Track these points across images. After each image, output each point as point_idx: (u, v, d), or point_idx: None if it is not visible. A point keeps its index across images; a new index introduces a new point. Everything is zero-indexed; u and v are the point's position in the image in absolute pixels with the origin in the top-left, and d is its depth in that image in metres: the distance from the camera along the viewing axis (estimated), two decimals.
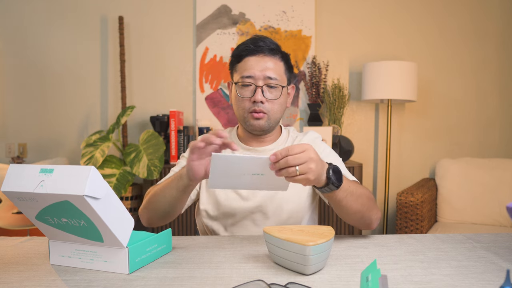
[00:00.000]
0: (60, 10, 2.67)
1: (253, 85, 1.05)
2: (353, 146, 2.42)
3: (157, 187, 1.01)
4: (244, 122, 1.08)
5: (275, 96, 1.06)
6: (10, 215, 2.09)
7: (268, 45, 1.06)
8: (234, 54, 1.10)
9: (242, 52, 1.07)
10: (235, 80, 1.09)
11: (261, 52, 1.06)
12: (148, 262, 0.78)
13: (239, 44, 1.10)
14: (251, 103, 1.05)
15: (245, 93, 1.06)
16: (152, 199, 1.00)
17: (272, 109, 1.06)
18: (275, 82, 1.05)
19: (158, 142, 2.33)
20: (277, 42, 1.10)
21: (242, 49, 1.07)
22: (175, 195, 0.94)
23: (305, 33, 2.64)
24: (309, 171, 0.76)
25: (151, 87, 2.68)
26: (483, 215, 2.30)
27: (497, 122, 2.71)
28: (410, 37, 2.68)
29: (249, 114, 1.06)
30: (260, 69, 1.04)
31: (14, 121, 2.71)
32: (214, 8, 2.63)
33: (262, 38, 1.07)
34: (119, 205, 0.71)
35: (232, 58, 1.11)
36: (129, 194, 2.40)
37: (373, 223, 0.96)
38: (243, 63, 1.07)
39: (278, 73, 1.06)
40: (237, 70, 1.09)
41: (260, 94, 1.04)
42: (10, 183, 0.69)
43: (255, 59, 1.06)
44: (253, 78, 1.05)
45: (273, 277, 0.70)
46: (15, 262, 0.79)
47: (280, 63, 1.08)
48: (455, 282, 0.68)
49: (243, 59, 1.07)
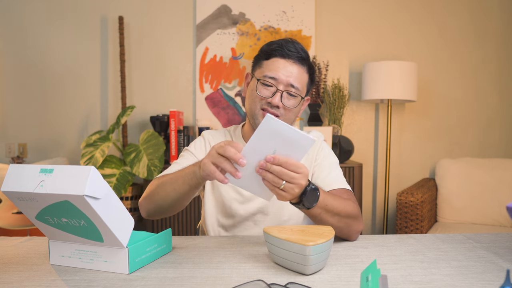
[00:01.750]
0: (60, 10, 2.67)
1: (275, 87, 1.03)
2: (353, 146, 2.42)
3: (164, 178, 0.97)
4: (253, 117, 1.07)
5: (292, 105, 1.05)
6: (10, 215, 2.09)
7: (299, 53, 1.05)
8: (264, 49, 1.08)
9: (273, 51, 1.05)
10: (257, 75, 1.07)
11: (291, 57, 1.04)
12: (148, 262, 0.78)
13: (271, 41, 1.08)
14: (266, 103, 1.04)
15: (265, 93, 1.04)
16: (159, 191, 0.97)
17: (285, 115, 1.05)
18: (296, 91, 1.04)
19: (158, 142, 2.33)
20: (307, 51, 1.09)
21: (273, 48, 1.05)
22: (186, 191, 0.92)
23: (305, 33, 2.64)
24: (290, 192, 0.78)
25: (151, 87, 2.68)
26: (483, 215, 2.30)
27: (497, 122, 2.71)
28: (410, 37, 2.68)
29: (261, 110, 1.05)
30: (285, 74, 1.03)
31: (14, 121, 2.71)
32: (214, 8, 2.63)
33: (295, 43, 1.06)
34: (119, 205, 0.71)
35: (260, 52, 1.09)
36: (129, 194, 2.40)
37: (351, 237, 0.95)
38: (271, 62, 1.05)
39: (301, 83, 1.05)
40: (262, 66, 1.07)
41: (279, 98, 1.02)
42: (10, 183, 0.69)
43: (283, 62, 1.04)
44: (276, 81, 1.03)
45: (273, 277, 0.70)
46: (15, 262, 0.79)
47: (306, 74, 1.07)
48: (455, 282, 0.68)
49: (271, 58, 1.05)
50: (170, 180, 0.94)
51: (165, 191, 0.95)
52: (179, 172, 0.94)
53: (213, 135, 1.18)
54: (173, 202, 0.96)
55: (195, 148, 1.14)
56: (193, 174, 0.88)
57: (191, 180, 0.89)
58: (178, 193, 0.93)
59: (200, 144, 1.15)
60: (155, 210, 1.00)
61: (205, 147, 1.15)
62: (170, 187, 0.94)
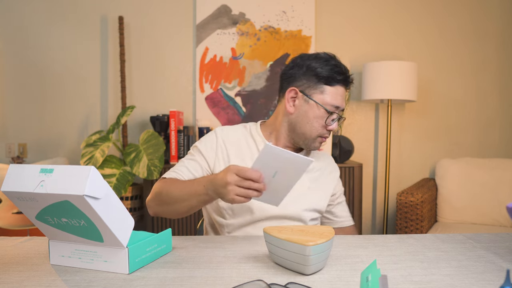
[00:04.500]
0: (60, 10, 2.67)
1: (337, 114, 1.07)
2: (353, 146, 2.42)
3: (173, 187, 0.97)
4: (309, 142, 1.10)
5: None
6: (10, 215, 2.09)
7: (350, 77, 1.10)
8: (324, 74, 1.05)
9: (336, 78, 1.06)
10: (322, 102, 1.05)
11: (348, 84, 1.09)
12: (148, 262, 0.78)
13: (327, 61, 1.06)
14: (326, 131, 1.08)
15: (331, 123, 1.08)
16: (167, 198, 0.98)
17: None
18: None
19: (158, 142, 2.33)
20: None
21: (337, 74, 1.06)
22: (195, 205, 0.94)
23: (305, 33, 2.64)
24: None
25: (151, 87, 2.68)
26: (483, 215, 2.30)
27: (497, 122, 2.71)
28: (410, 37, 2.68)
29: (319, 138, 1.09)
30: (344, 101, 1.09)
31: (14, 121, 2.71)
32: (214, 8, 2.63)
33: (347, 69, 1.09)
34: (119, 205, 0.71)
35: (315, 73, 1.06)
36: (129, 194, 2.40)
37: None
38: (335, 89, 1.06)
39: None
40: (324, 92, 1.06)
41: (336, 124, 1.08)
42: (10, 183, 0.69)
43: (343, 90, 1.08)
44: (340, 110, 1.08)
45: (273, 277, 0.70)
46: (15, 262, 0.79)
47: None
48: (455, 282, 0.68)
49: (336, 85, 1.07)
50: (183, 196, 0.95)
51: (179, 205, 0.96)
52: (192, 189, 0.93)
53: (227, 133, 1.13)
54: (185, 213, 0.99)
55: (205, 146, 1.11)
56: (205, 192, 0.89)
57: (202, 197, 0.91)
58: (192, 208, 0.96)
59: (211, 143, 1.11)
60: (165, 215, 1.03)
61: (217, 146, 1.10)
62: (180, 198, 0.95)
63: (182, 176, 1.06)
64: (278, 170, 0.81)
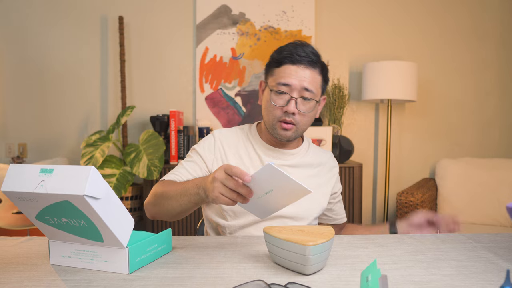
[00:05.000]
0: (60, 10, 2.67)
1: (288, 94, 1.03)
2: (353, 146, 2.42)
3: (170, 191, 0.97)
4: (272, 129, 1.07)
5: (308, 110, 1.04)
6: (10, 215, 2.09)
7: (309, 56, 1.03)
8: (274, 57, 1.07)
9: (283, 58, 1.04)
10: (270, 84, 1.06)
11: (302, 62, 1.03)
12: (148, 262, 0.78)
13: (281, 47, 1.06)
14: (282, 112, 1.04)
15: (279, 101, 1.04)
16: (162, 200, 0.98)
17: (302, 121, 1.05)
18: (310, 95, 1.03)
19: (158, 142, 2.33)
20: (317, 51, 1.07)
21: (283, 55, 1.04)
22: (188, 206, 0.94)
23: (305, 33, 2.64)
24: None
25: (151, 87, 2.68)
26: (483, 215, 2.30)
27: (497, 122, 2.71)
28: (410, 37, 2.68)
29: (279, 123, 1.05)
30: (298, 80, 1.02)
31: (14, 121, 2.71)
32: (214, 8, 2.63)
33: (304, 46, 1.05)
34: (119, 205, 0.71)
35: (271, 60, 1.08)
36: (129, 194, 2.40)
37: None
38: (282, 69, 1.04)
39: (314, 86, 1.04)
40: (274, 74, 1.06)
41: (293, 105, 1.02)
42: (10, 183, 0.69)
43: (294, 68, 1.03)
44: (289, 87, 1.03)
45: (273, 277, 0.70)
46: (15, 262, 0.79)
47: (319, 76, 1.06)
48: (455, 282, 0.68)
49: (282, 66, 1.04)
50: (176, 195, 0.95)
51: (171, 205, 0.96)
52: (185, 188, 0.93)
53: (225, 135, 1.14)
54: (178, 214, 0.99)
55: (203, 149, 1.12)
56: (197, 193, 0.89)
57: (194, 197, 0.91)
58: (184, 208, 0.95)
59: (209, 145, 1.12)
60: (161, 216, 1.03)
61: (215, 148, 1.12)
62: (176, 203, 0.95)
63: (181, 177, 1.07)
64: (274, 189, 0.79)
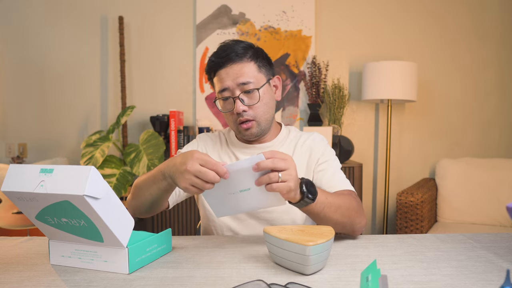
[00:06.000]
0: (60, 10, 2.67)
1: (230, 97, 1.03)
2: (353, 146, 2.42)
3: (141, 182, 0.98)
4: (238, 133, 1.09)
5: (255, 100, 1.03)
6: (10, 215, 2.09)
7: (231, 52, 1.03)
8: (206, 71, 1.09)
9: (211, 68, 1.07)
10: (216, 96, 1.09)
11: (227, 61, 1.03)
12: (148, 262, 0.78)
13: (209, 58, 1.08)
14: (236, 115, 1.04)
15: (227, 107, 1.05)
16: (136, 192, 0.99)
17: (258, 113, 1.04)
18: (249, 86, 1.02)
19: (158, 142, 2.33)
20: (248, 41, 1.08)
21: (210, 65, 1.07)
22: (157, 193, 0.93)
23: (305, 33, 2.64)
24: (290, 179, 0.77)
25: (151, 87, 2.68)
26: (483, 215, 2.30)
27: (497, 122, 2.71)
28: (410, 37, 2.68)
29: (239, 126, 1.05)
30: (231, 79, 1.02)
31: (14, 121, 2.71)
32: (214, 8, 2.63)
33: (225, 46, 1.05)
34: (119, 205, 0.71)
35: (207, 74, 1.11)
36: (129, 194, 2.40)
37: (355, 231, 0.95)
38: (216, 77, 1.06)
39: (250, 76, 1.02)
40: (214, 85, 1.09)
41: (239, 104, 1.02)
42: (10, 183, 0.69)
43: (224, 71, 1.03)
44: (229, 90, 1.03)
45: (273, 277, 0.70)
46: (15, 262, 0.79)
47: (250, 63, 1.04)
48: (455, 282, 0.68)
49: (216, 74, 1.06)
50: (145, 185, 0.95)
51: (143, 195, 0.96)
52: (151, 177, 0.93)
53: (204, 138, 1.18)
54: (152, 205, 0.98)
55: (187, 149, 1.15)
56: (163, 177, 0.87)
57: (161, 182, 0.89)
58: (155, 197, 0.94)
59: (192, 146, 1.16)
60: (140, 211, 1.02)
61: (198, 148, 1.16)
62: (147, 192, 0.95)
63: None
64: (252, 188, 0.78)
